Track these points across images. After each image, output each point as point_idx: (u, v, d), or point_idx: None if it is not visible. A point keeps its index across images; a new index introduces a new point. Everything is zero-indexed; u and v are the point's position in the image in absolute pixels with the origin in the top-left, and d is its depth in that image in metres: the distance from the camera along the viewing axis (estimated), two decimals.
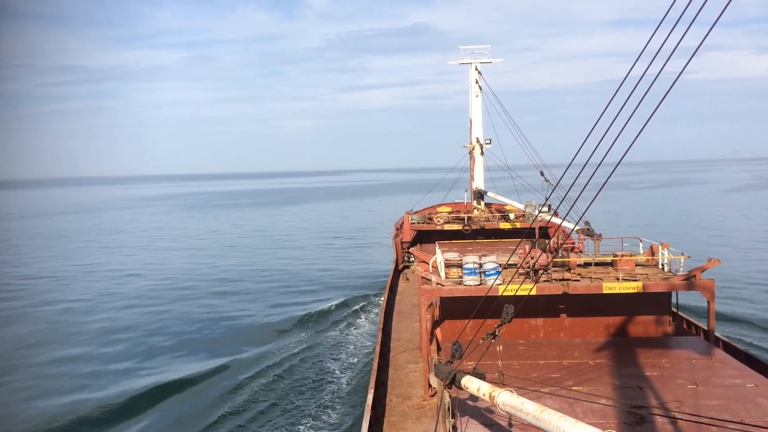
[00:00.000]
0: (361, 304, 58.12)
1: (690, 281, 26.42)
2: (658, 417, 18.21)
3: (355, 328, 50.28)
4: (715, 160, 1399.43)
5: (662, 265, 29.40)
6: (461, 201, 67.35)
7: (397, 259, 59.31)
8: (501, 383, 17.59)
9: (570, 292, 26.23)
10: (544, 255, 26.80)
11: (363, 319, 53.06)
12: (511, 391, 15.24)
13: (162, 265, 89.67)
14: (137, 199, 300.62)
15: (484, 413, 18.91)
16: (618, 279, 26.89)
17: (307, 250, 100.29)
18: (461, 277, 26.96)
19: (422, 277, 28.09)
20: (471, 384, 16.56)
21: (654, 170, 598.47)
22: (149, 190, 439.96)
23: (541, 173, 50.35)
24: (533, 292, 24.38)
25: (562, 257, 28.79)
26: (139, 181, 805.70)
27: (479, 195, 63.28)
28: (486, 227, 55.56)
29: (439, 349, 27.32)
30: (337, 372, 39.99)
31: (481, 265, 26.71)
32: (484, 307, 19.34)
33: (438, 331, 28.54)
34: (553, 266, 27.32)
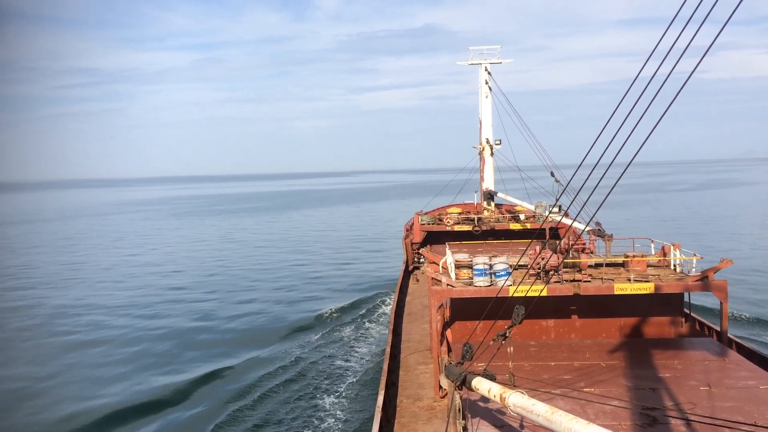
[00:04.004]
0: (371, 305, 58.11)
1: (702, 282, 26.19)
2: (670, 419, 18.07)
3: (365, 330, 50.26)
4: (731, 160, 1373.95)
5: (674, 265, 29.19)
6: (471, 202, 67.18)
7: (407, 260, 59.23)
8: (512, 384, 17.52)
9: (581, 293, 26.08)
10: (554, 256, 26.69)
11: (373, 321, 53.03)
12: (522, 393, 15.17)
13: (177, 266, 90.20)
14: (142, 203, 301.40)
15: (494, 415, 18.83)
16: (629, 280, 26.71)
17: (317, 253, 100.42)
18: (471, 278, 26.88)
19: (432, 278, 28.03)
20: (482, 385, 16.49)
21: (678, 171, 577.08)
22: (155, 192, 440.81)
23: (552, 174, 50.14)
24: (544, 293, 24.27)
25: (572, 258, 28.65)
26: (147, 183, 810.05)
27: (489, 196, 63.06)
28: (496, 228, 55.36)
29: (449, 350, 27.25)
30: (347, 373, 40.00)
31: (491, 266, 26.61)
32: (495, 308, 19.28)
33: (448, 332, 28.47)
34: (563, 267, 27.18)
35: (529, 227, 54.39)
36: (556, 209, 40.77)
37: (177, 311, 60.36)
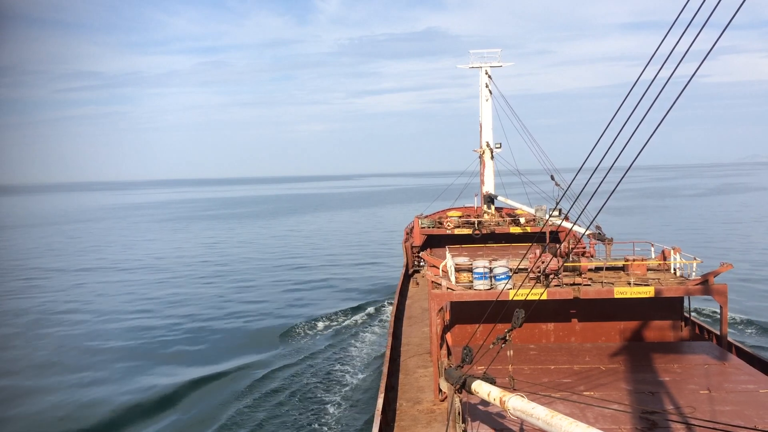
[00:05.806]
0: (371, 309, 58.07)
1: (703, 286, 26.18)
2: (670, 422, 18.04)
3: (365, 333, 50.19)
4: (735, 164, 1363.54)
5: (674, 269, 29.18)
6: (471, 205, 67.24)
7: (407, 264, 59.20)
8: (512, 388, 17.51)
9: (581, 297, 26.06)
10: (554, 259, 26.68)
11: (373, 324, 52.97)
12: (522, 396, 15.14)
13: (180, 270, 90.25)
14: (145, 206, 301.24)
15: (494, 418, 18.81)
16: (629, 284, 26.70)
17: (316, 257, 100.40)
18: (471, 281, 26.87)
19: (432, 282, 28.03)
20: (481, 389, 16.47)
21: (684, 175, 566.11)
22: (158, 195, 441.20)
23: (552, 177, 50.14)
24: (544, 297, 24.25)
25: (572, 261, 28.64)
26: (150, 186, 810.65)
27: (489, 199, 63.06)
28: (496, 231, 55.35)
29: (449, 353, 27.25)
30: (347, 376, 39.94)
31: (491, 270, 26.62)
32: (495, 311, 19.29)
33: (448, 336, 28.46)
34: (563, 271, 27.18)
35: (529, 231, 54.39)
36: (556, 213, 40.76)
37: (174, 313, 60.34)
